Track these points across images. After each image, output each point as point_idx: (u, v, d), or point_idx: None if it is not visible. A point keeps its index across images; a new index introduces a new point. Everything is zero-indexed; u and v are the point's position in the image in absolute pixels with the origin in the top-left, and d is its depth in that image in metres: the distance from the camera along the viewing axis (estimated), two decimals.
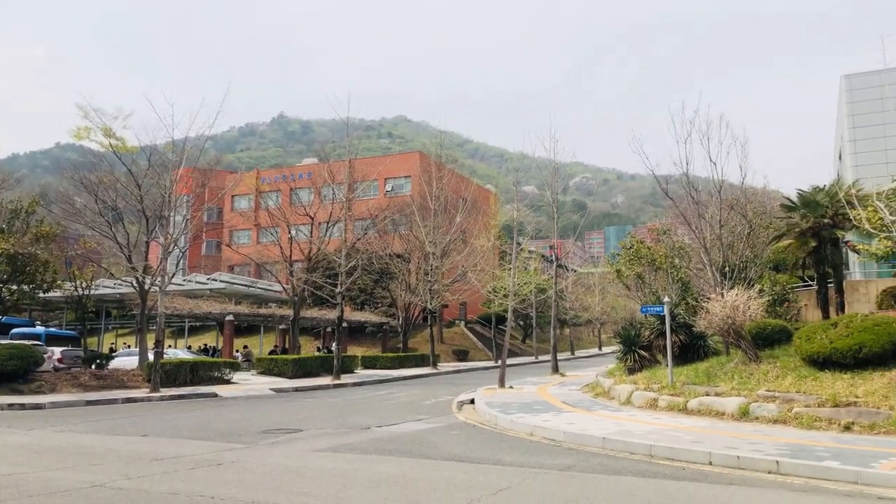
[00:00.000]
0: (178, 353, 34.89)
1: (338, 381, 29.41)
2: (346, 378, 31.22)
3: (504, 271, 38.89)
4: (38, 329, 37.65)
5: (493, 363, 46.07)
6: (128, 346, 42.79)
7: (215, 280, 46.11)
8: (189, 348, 45.78)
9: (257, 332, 51.28)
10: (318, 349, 47.03)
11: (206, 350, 46.10)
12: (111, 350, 43.39)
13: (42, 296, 31.11)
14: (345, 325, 39.27)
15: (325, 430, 14.18)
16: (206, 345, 50.23)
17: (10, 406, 19.18)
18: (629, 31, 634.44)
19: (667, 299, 18.77)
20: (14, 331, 33.29)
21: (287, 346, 40.95)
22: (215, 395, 23.42)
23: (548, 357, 38.47)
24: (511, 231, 32.17)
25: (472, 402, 19.10)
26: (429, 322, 42.99)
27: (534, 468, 9.52)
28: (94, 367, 27.45)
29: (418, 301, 42.17)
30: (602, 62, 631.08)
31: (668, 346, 17.82)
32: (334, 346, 32.95)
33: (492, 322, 54.64)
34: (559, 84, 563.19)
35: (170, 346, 42.74)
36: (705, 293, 20.89)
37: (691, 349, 20.23)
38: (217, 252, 73.30)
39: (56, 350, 29.94)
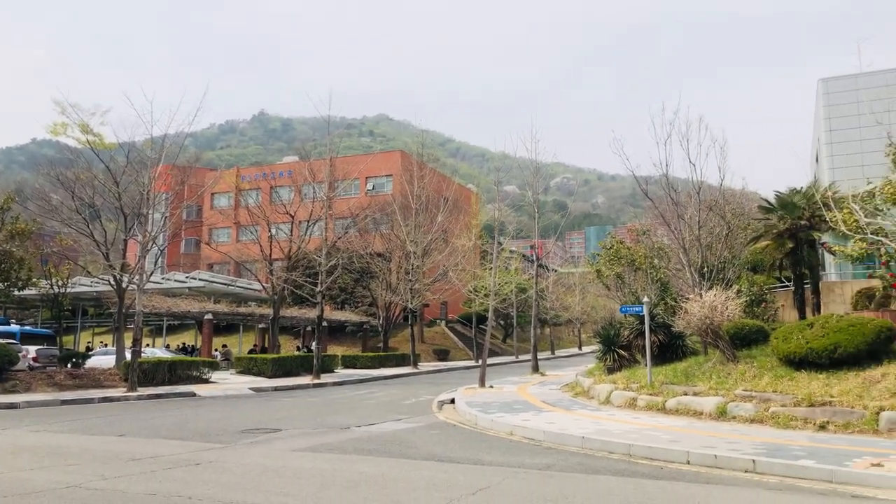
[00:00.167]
0: (156, 351, 34.58)
1: (318, 381, 29.30)
2: (326, 377, 31.10)
3: (485, 271, 38.94)
4: (13, 327, 37.06)
5: (473, 362, 46.13)
6: (104, 345, 42.33)
7: (194, 278, 45.72)
8: (167, 347, 45.42)
9: (236, 331, 50.92)
10: (298, 348, 46.84)
11: (185, 349, 45.76)
12: (87, 349, 42.92)
13: (17, 294, 30.68)
14: (325, 324, 39.12)
15: (305, 429, 14.12)
16: (184, 344, 49.85)
17: None
18: (612, 33, 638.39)
19: (646, 299, 18.90)
20: None
21: (266, 346, 40.73)
22: (194, 395, 23.24)
23: (528, 356, 38.61)
24: (492, 231, 32.21)
25: (453, 401, 19.12)
26: (409, 321, 42.94)
27: (513, 468, 9.54)
28: (69, 365, 27.11)
29: (399, 300, 42.12)
30: (584, 64, 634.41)
31: (647, 346, 17.94)
32: (314, 345, 32.82)
33: (473, 321, 54.67)
34: (541, 85, 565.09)
35: (148, 344, 42.35)
36: (684, 293, 21.06)
37: (670, 349, 20.38)
38: (196, 250, 72.71)
39: (31, 349, 29.54)
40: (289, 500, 7.46)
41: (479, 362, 25.80)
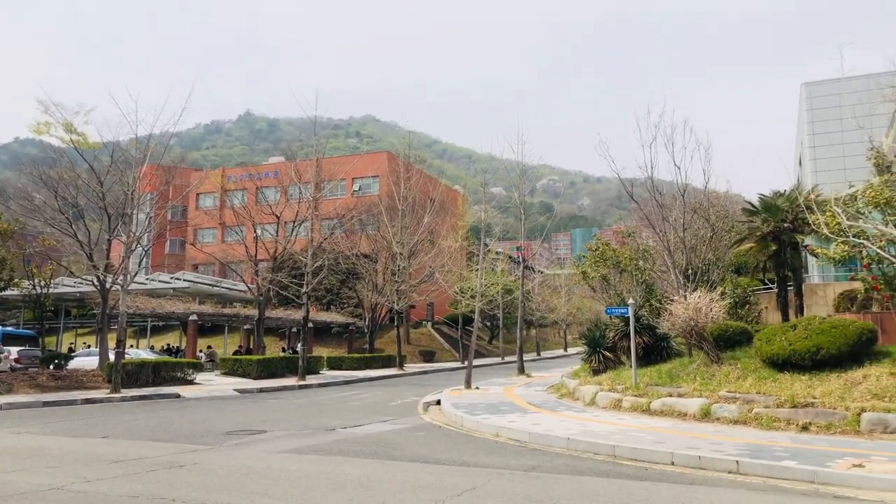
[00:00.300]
0: (139, 353, 34.32)
1: (303, 382, 29.20)
2: (311, 379, 31.00)
3: (471, 272, 38.95)
4: None
5: (459, 364, 46.13)
6: (88, 346, 41.95)
7: (179, 279, 45.49)
8: (151, 348, 45.06)
9: (221, 332, 50.70)
10: (284, 350, 46.64)
11: (169, 350, 45.45)
12: (70, 350, 42.49)
13: None
14: (310, 325, 39.01)
15: (290, 431, 14.07)
16: (169, 345, 49.52)
17: None
18: (597, 35, 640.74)
19: (631, 301, 18.99)
20: None
21: (252, 347, 40.53)
22: (178, 396, 23.09)
23: (514, 358, 38.65)
24: (479, 232, 32.24)
25: (439, 403, 19.11)
26: (395, 323, 42.88)
27: (499, 469, 9.55)
28: (52, 367, 26.85)
29: (385, 302, 42.04)
30: (571, 66, 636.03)
31: (632, 348, 18.01)
32: (300, 346, 32.70)
33: (459, 323, 54.70)
34: (528, 87, 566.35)
35: (131, 345, 42.06)
36: (669, 295, 21.17)
37: (655, 350, 20.48)
38: (181, 251, 72.26)
39: (13, 350, 29.25)
40: (273, 502, 7.43)
41: (465, 364, 25.81)
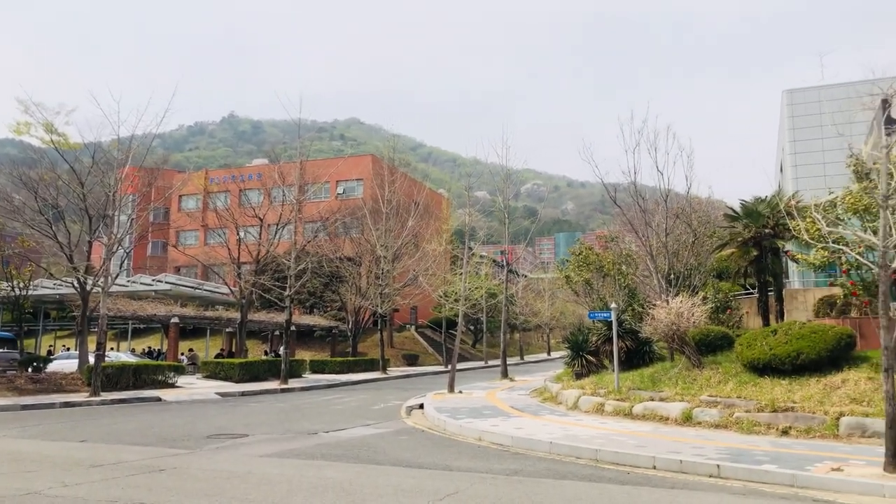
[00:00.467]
0: (120, 356, 33.99)
1: (285, 386, 29.04)
2: (293, 382, 30.84)
3: (455, 276, 38.96)
4: None
5: (443, 368, 46.12)
6: (67, 349, 41.51)
7: (161, 281, 45.08)
8: (132, 351, 44.66)
9: (203, 334, 50.26)
10: (266, 353, 46.40)
11: (151, 353, 45.06)
12: (49, 353, 41.96)
13: None
14: (293, 328, 38.83)
15: (272, 435, 13.99)
16: (150, 347, 49.09)
17: None
18: (583, 42, 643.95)
19: (614, 305, 19.07)
20: None
21: (234, 350, 40.27)
22: (159, 400, 22.89)
23: (498, 362, 38.68)
24: (463, 236, 32.25)
25: (422, 406, 19.08)
26: (379, 326, 42.79)
27: (481, 473, 9.55)
28: (30, 370, 26.53)
29: (369, 305, 41.94)
30: (555, 72, 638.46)
31: (615, 352, 18.08)
32: (282, 349, 32.52)
33: (442, 326, 54.71)
34: (513, 92, 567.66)
35: (112, 348, 41.66)
36: (651, 300, 21.29)
37: (637, 355, 20.57)
38: (163, 253, 71.76)
39: None
40: None
41: (449, 367, 25.80)
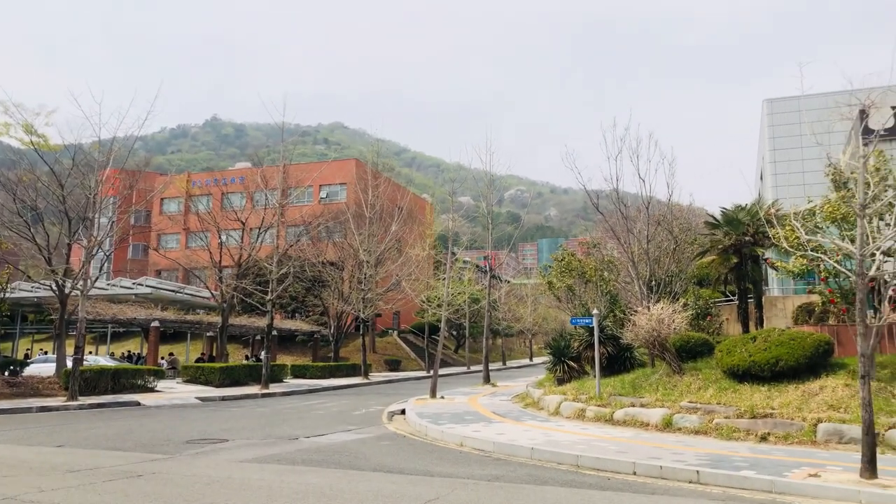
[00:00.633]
0: (98, 359, 33.65)
1: (266, 391, 28.87)
2: (274, 387, 30.67)
3: (438, 281, 38.96)
4: None
5: (425, 373, 46.03)
6: (45, 353, 41.00)
7: (141, 285, 44.67)
8: (111, 355, 44.21)
9: (184, 339, 49.87)
10: (247, 357, 46.08)
11: (130, 357, 44.62)
12: (26, 356, 41.46)
13: None
14: (275, 333, 38.60)
15: (252, 440, 13.90)
16: (129, 351, 48.62)
17: None
18: (567, 49, 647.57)
19: (595, 311, 19.16)
20: None
21: (214, 354, 39.97)
22: (138, 404, 22.67)
23: (480, 367, 38.71)
24: (446, 241, 32.28)
25: (403, 412, 19.04)
26: (361, 331, 42.64)
27: (462, 479, 9.55)
28: (7, 373, 26.21)
29: (351, 310, 41.76)
30: (539, 79, 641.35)
31: (597, 358, 18.17)
32: (263, 354, 32.33)
33: (425, 332, 54.62)
34: (498, 99, 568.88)
35: (90, 352, 41.19)
36: (633, 306, 21.41)
37: (618, 361, 20.68)
38: (144, 256, 71.16)
39: None
40: None
41: (431, 373, 25.76)
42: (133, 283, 44.91)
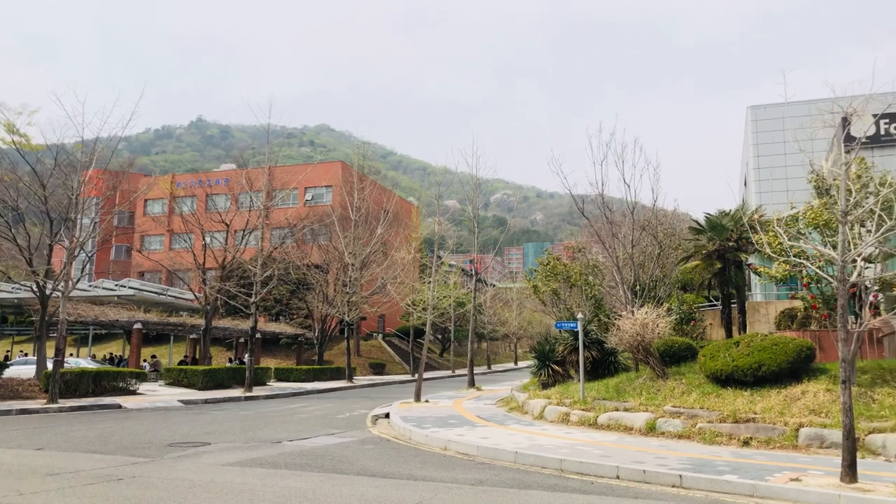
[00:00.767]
0: (80, 362, 33.31)
1: (250, 394, 28.71)
2: (258, 390, 30.50)
3: (424, 284, 38.97)
4: None
5: (410, 377, 45.97)
6: (25, 354, 40.55)
7: (124, 286, 44.37)
8: (93, 357, 43.78)
9: (167, 341, 49.51)
10: (230, 360, 45.79)
11: (112, 359, 44.18)
12: (6, 358, 40.86)
13: None
14: (259, 336, 38.44)
15: (235, 443, 13.80)
16: (111, 354, 48.15)
17: None
18: (552, 55, 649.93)
19: (580, 316, 19.20)
20: None
21: (198, 357, 39.69)
22: (119, 407, 22.46)
23: (465, 371, 38.69)
24: (432, 244, 32.29)
25: (388, 416, 18.99)
26: (346, 334, 42.53)
27: (446, 483, 9.53)
28: None
29: (336, 313, 41.65)
30: (525, 81, 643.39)
31: (581, 362, 18.20)
32: (247, 357, 32.15)
33: (410, 335, 54.57)
34: (484, 103, 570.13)
35: (71, 354, 40.81)
36: (617, 310, 21.49)
37: (603, 365, 20.73)
38: (127, 257, 70.64)
39: None
40: None
41: (416, 376, 25.73)
42: (116, 285, 44.60)
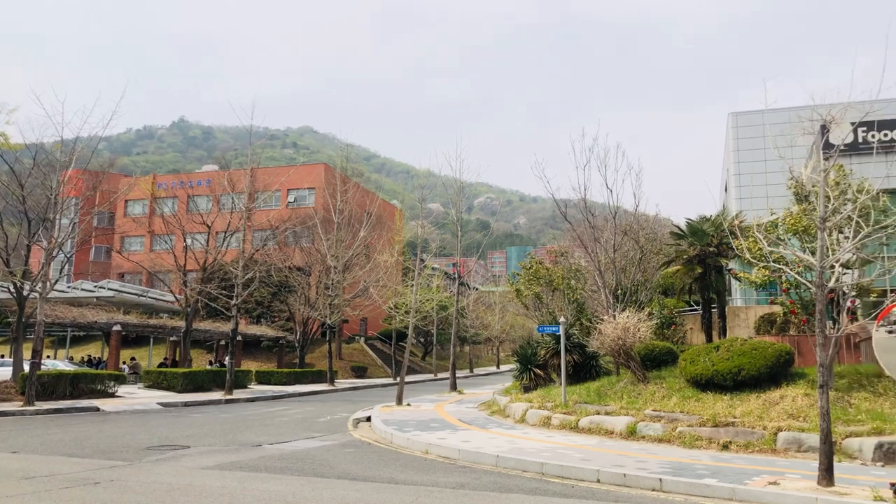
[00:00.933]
0: (57, 364, 32.93)
1: (230, 397, 28.51)
2: (238, 393, 30.31)
3: (406, 287, 38.88)
4: None
5: (392, 380, 45.87)
6: (1, 356, 39.98)
7: (103, 287, 43.85)
8: (71, 359, 43.29)
9: (147, 343, 49.00)
10: (211, 363, 45.49)
11: (90, 361, 43.73)
12: None
13: None
14: (240, 338, 38.18)
15: (215, 446, 13.69)
16: (90, 356, 47.66)
17: None
18: (539, 59, 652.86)
19: (562, 319, 19.27)
20: None
21: (178, 359, 39.35)
22: (97, 410, 22.22)
23: (447, 375, 38.70)
24: (415, 247, 32.24)
25: (369, 419, 18.94)
26: (328, 337, 42.36)
27: (427, 486, 9.51)
28: None
29: (317, 316, 41.47)
30: (511, 86, 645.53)
31: (563, 366, 18.26)
32: (227, 359, 31.94)
33: (392, 338, 54.45)
34: (469, 105, 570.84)
35: (48, 356, 40.32)
36: (599, 315, 21.59)
37: (584, 369, 20.81)
38: (107, 259, 69.93)
39: None
40: None
41: (398, 380, 25.67)
42: (95, 286, 44.08)
